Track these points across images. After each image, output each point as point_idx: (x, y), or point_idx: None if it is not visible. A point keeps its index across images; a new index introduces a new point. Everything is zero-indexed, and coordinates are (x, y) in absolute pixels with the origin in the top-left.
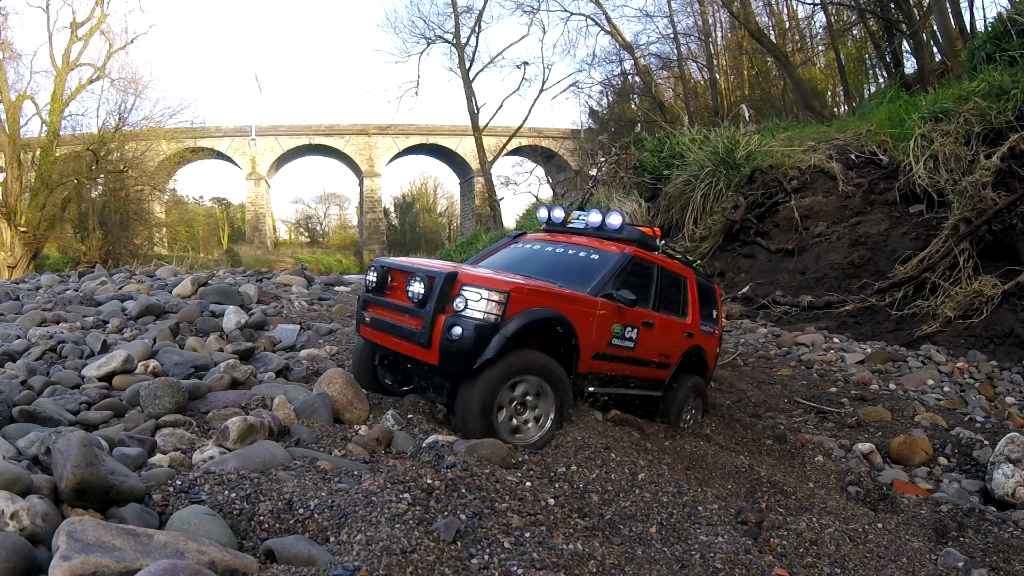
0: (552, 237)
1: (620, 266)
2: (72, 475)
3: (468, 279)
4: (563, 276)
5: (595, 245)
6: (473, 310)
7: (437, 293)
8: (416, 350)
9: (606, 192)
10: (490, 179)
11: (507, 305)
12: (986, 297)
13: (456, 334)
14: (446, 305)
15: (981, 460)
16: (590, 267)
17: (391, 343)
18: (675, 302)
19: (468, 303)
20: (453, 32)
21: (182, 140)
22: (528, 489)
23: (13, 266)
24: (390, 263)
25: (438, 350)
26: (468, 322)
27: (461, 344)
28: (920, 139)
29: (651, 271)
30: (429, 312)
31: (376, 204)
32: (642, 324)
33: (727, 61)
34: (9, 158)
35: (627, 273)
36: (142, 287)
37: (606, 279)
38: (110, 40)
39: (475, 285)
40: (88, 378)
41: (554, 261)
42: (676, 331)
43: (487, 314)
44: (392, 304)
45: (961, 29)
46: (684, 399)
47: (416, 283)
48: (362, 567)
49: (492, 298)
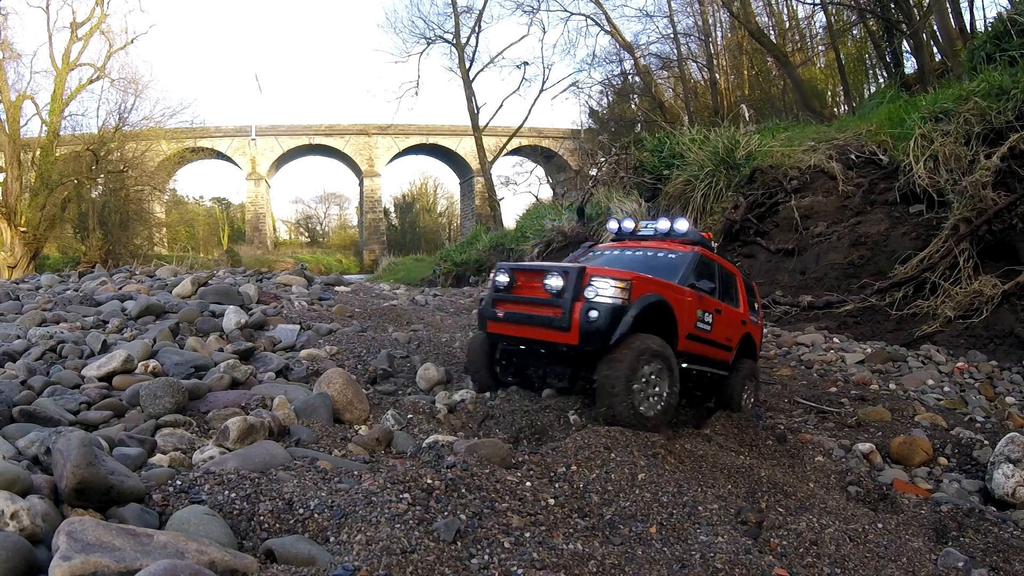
0: (624, 244)
1: (694, 262)
2: (72, 475)
3: (595, 272)
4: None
5: (668, 247)
6: (603, 296)
7: (573, 285)
8: (555, 334)
9: (606, 192)
10: (490, 179)
11: (631, 291)
12: (986, 297)
13: (593, 316)
14: (580, 294)
15: (981, 460)
16: (671, 264)
17: (527, 332)
18: (731, 294)
19: (598, 291)
20: (453, 32)
21: (182, 140)
22: (528, 489)
23: (13, 266)
24: (517, 266)
25: (577, 332)
26: (602, 305)
27: (599, 323)
28: (920, 139)
29: (713, 267)
30: (568, 301)
31: (376, 204)
32: (714, 311)
33: (727, 61)
34: (9, 158)
35: (698, 268)
36: (142, 287)
37: (687, 272)
38: (110, 40)
39: (602, 276)
40: (88, 378)
41: (639, 260)
42: (735, 318)
43: (615, 299)
44: (527, 299)
45: (961, 29)
46: (744, 379)
47: (554, 278)
48: (362, 567)
49: (618, 285)
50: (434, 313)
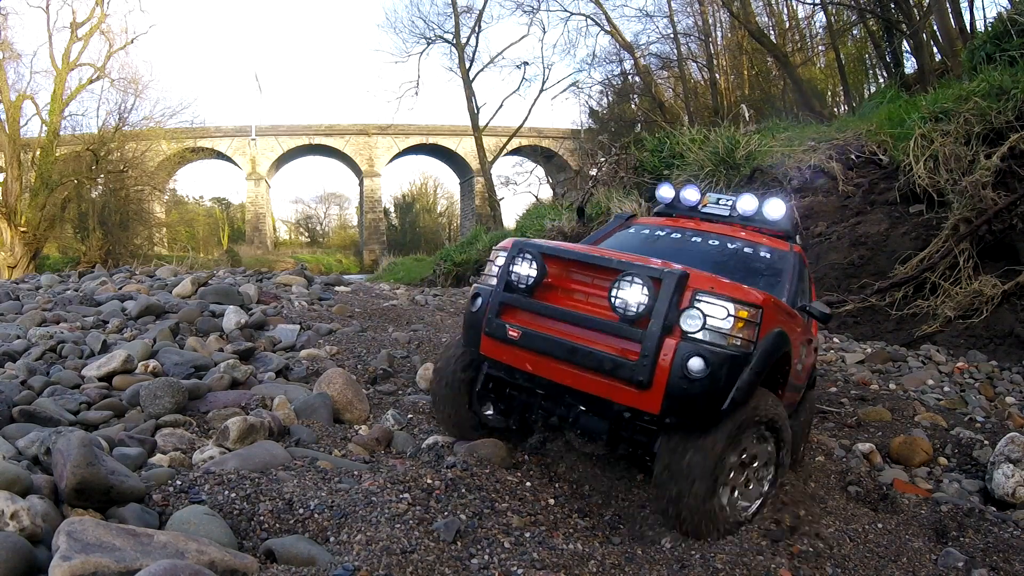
0: (676, 222)
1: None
2: (72, 475)
3: (706, 284)
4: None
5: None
6: (716, 331)
7: (668, 304)
8: (620, 390)
9: (606, 192)
10: (490, 179)
11: (760, 324)
12: (986, 297)
13: (698, 369)
14: (676, 323)
15: (981, 460)
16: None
17: (561, 375)
18: None
19: (708, 320)
20: (453, 32)
21: (182, 140)
22: (528, 489)
23: (13, 266)
24: (554, 249)
25: (663, 392)
26: (715, 351)
27: (705, 384)
28: (920, 139)
29: (805, 273)
30: (654, 335)
31: (376, 204)
32: (808, 341)
33: (727, 61)
34: (9, 158)
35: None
36: (142, 287)
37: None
38: (110, 40)
39: (718, 294)
40: (88, 378)
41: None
42: (812, 346)
43: (735, 337)
44: (569, 314)
45: (961, 29)
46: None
47: (631, 287)
48: (362, 567)
49: (742, 313)
50: (434, 313)
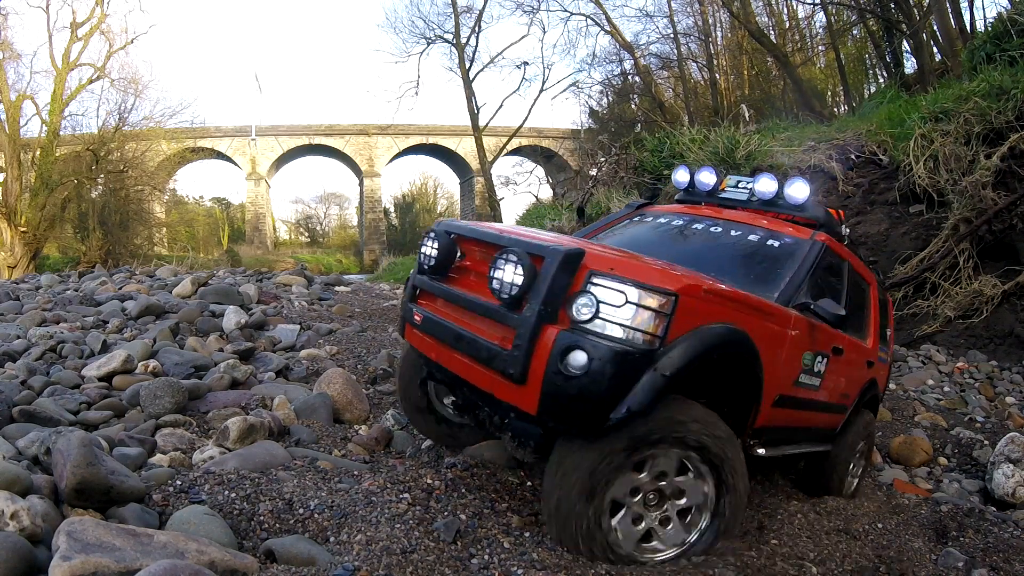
0: (693, 210)
1: (814, 261)
2: (72, 475)
3: (602, 263)
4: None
5: (774, 227)
6: (610, 321)
7: (547, 286)
8: (497, 382)
9: (606, 192)
10: (490, 179)
11: (673, 316)
12: (986, 297)
13: (577, 365)
14: (559, 308)
15: (981, 460)
16: (772, 258)
17: (453, 362)
18: (860, 318)
19: (602, 308)
20: (453, 32)
21: (182, 140)
22: (528, 489)
23: (13, 266)
24: (462, 228)
25: (539, 389)
26: (602, 345)
27: (586, 384)
28: (920, 139)
29: (842, 272)
30: (529, 320)
31: (376, 204)
32: (832, 351)
33: (727, 61)
34: (9, 158)
35: (819, 272)
36: (142, 287)
37: (799, 280)
38: (110, 40)
39: (616, 276)
40: (88, 378)
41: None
42: (860, 359)
43: (636, 331)
44: (461, 297)
45: (961, 29)
46: (854, 452)
47: (507, 264)
48: (362, 567)
49: (647, 302)
50: None
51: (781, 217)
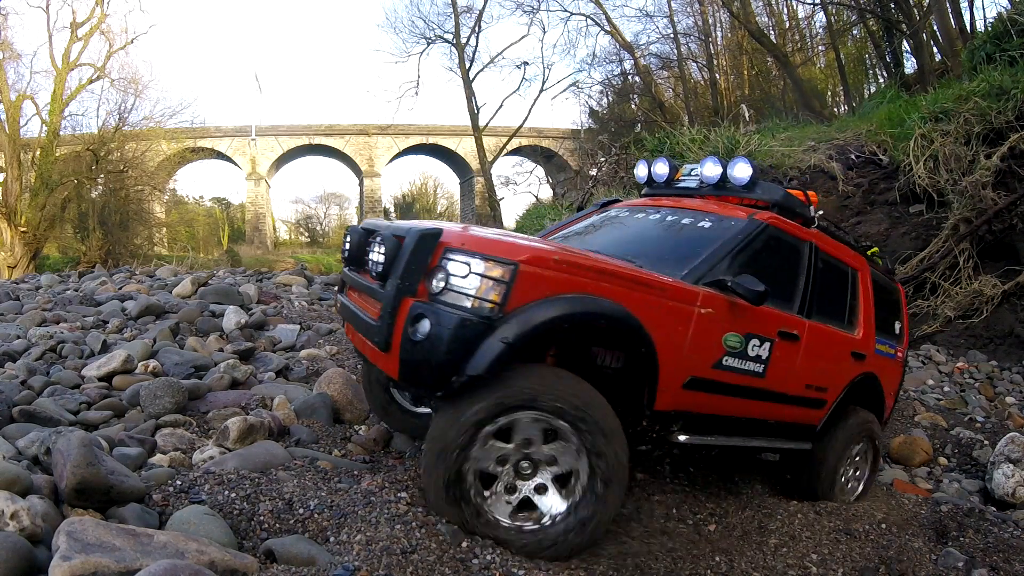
0: (653, 202)
1: (744, 239)
2: (72, 475)
3: (457, 240)
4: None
5: (711, 209)
6: (457, 291)
7: (405, 262)
8: (375, 353)
9: (606, 192)
10: (490, 179)
11: (513, 285)
12: (986, 297)
13: (422, 331)
14: (418, 282)
15: (981, 460)
16: (697, 241)
17: (358, 343)
18: (838, 305)
19: (450, 280)
20: (453, 32)
21: (182, 140)
22: None
23: (13, 266)
24: (368, 223)
25: (398, 356)
26: (444, 312)
27: (428, 348)
28: (920, 139)
29: (799, 253)
30: (390, 293)
31: (376, 204)
32: (779, 336)
33: (727, 61)
34: (9, 158)
35: (757, 252)
36: (142, 287)
37: (717, 258)
38: (110, 40)
39: (466, 251)
40: (88, 378)
41: (645, 233)
42: (837, 349)
43: (479, 299)
44: (359, 282)
45: (961, 29)
46: (842, 454)
47: (378, 245)
48: (362, 567)
49: (490, 272)
50: None
51: (732, 200)
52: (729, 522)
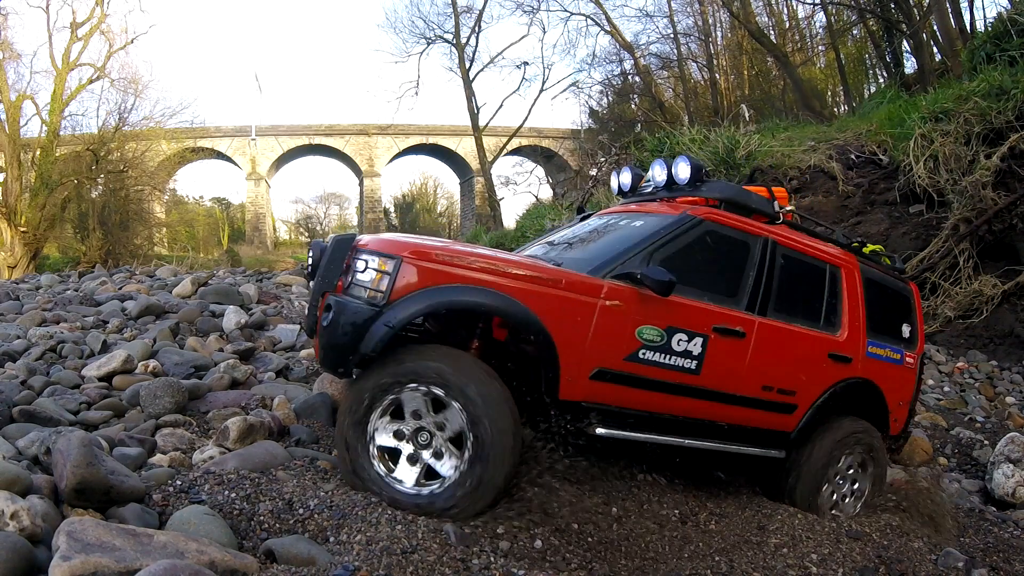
0: (620, 209)
1: (668, 234)
2: (72, 475)
3: (363, 243)
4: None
5: (654, 210)
6: (358, 284)
7: (325, 263)
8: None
9: (606, 192)
10: (490, 179)
11: (395, 277)
12: (986, 297)
13: (327, 319)
14: (337, 280)
15: (981, 460)
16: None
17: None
18: (810, 303)
19: (355, 275)
20: (453, 32)
21: (182, 140)
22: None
23: (13, 266)
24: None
25: (317, 342)
26: (343, 303)
27: (332, 333)
28: (920, 139)
29: (747, 248)
30: (315, 289)
31: (376, 204)
32: (716, 331)
33: (727, 61)
34: (9, 158)
35: (688, 247)
36: (142, 287)
37: (632, 253)
38: (110, 40)
39: (367, 250)
40: (88, 378)
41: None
42: (806, 349)
43: (372, 290)
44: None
45: (961, 29)
46: (826, 465)
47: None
48: (362, 567)
49: (380, 266)
50: None
51: (684, 200)
52: (729, 522)
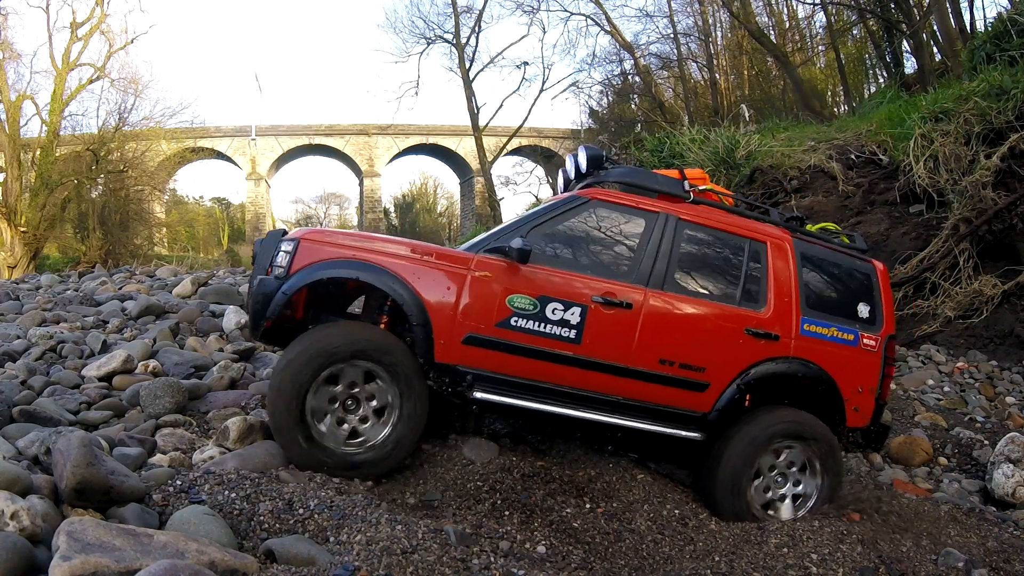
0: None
1: (551, 214)
2: (72, 475)
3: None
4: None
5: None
6: (276, 265)
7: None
8: None
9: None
10: (490, 179)
11: (294, 255)
12: (986, 297)
13: (248, 292)
14: (268, 265)
15: (981, 460)
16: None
17: None
18: (724, 279)
19: (276, 259)
20: (453, 32)
21: (182, 140)
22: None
23: (13, 266)
24: None
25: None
26: (263, 279)
27: (252, 304)
28: (920, 139)
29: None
30: (255, 272)
31: (376, 204)
32: (596, 302)
33: (727, 61)
34: (9, 158)
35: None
36: (142, 287)
37: (508, 230)
38: (110, 40)
39: (287, 238)
40: (88, 378)
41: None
42: (714, 324)
43: (281, 267)
44: None
45: (961, 29)
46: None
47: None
48: (362, 567)
49: (287, 248)
50: None
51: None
52: (729, 522)
